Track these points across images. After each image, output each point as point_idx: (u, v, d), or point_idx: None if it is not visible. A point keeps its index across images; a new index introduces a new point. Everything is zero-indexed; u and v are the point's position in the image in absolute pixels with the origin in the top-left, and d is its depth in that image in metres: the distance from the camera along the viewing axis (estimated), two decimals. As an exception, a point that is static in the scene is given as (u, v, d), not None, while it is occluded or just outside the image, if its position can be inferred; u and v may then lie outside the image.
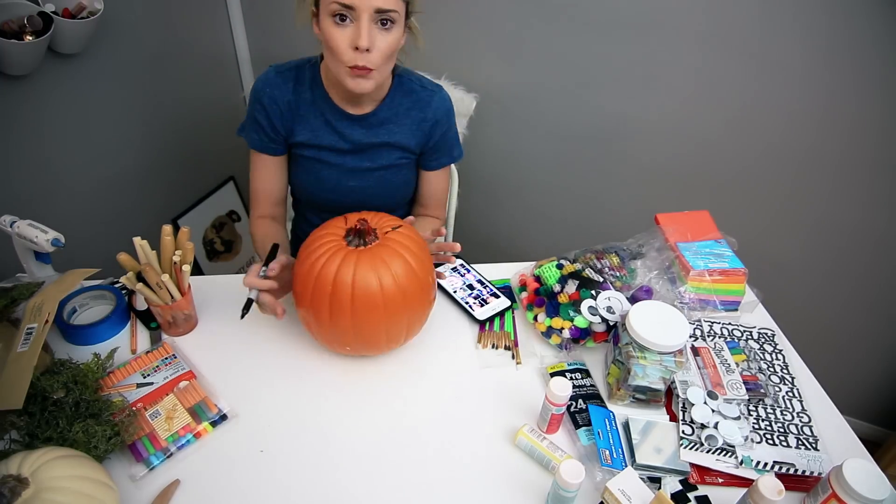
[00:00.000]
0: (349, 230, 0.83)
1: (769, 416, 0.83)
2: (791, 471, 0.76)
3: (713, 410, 0.81)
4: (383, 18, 0.86)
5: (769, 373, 0.90)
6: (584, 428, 0.81)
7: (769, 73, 1.30)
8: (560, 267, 0.99)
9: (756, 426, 0.82)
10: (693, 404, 0.82)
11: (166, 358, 0.87)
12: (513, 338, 0.96)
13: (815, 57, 1.24)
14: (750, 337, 0.97)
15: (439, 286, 1.05)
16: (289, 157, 1.09)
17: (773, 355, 0.94)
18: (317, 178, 1.07)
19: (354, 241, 0.82)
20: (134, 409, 0.79)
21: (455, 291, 1.03)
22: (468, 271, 1.08)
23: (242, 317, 0.82)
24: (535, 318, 0.96)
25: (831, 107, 1.28)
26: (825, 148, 1.34)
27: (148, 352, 0.89)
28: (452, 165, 1.37)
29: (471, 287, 1.05)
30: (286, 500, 0.73)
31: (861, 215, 1.39)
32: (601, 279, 0.94)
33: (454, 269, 1.09)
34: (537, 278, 1.00)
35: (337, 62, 0.89)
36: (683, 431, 0.79)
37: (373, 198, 1.09)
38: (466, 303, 1.01)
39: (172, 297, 0.87)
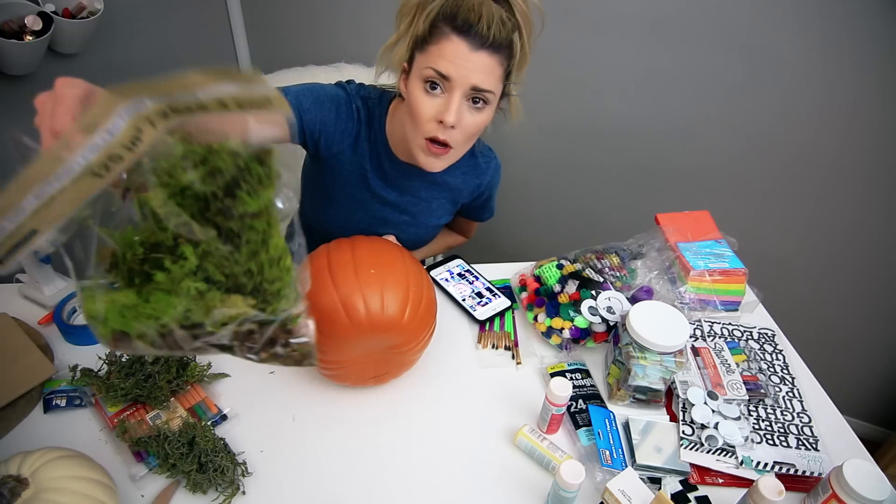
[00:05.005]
0: None
1: (769, 416, 0.83)
2: (791, 471, 0.76)
3: (713, 411, 0.81)
4: (476, 97, 0.79)
5: (769, 373, 0.90)
6: (584, 428, 0.81)
7: (769, 73, 1.30)
8: (560, 267, 0.99)
9: (756, 426, 0.82)
10: (693, 404, 0.82)
11: (166, 358, 0.87)
12: (513, 338, 0.96)
13: (814, 55, 1.24)
14: (750, 337, 0.97)
15: (439, 285, 1.05)
16: (318, 181, 1.00)
17: (774, 355, 0.94)
18: (348, 219, 1.01)
19: None
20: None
21: (447, 280, 1.03)
22: (469, 272, 1.08)
23: None
24: (535, 318, 0.96)
25: (830, 106, 1.28)
26: (825, 147, 1.34)
27: (148, 352, 0.89)
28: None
29: (470, 284, 1.05)
30: (286, 499, 0.73)
31: (861, 215, 1.39)
32: (601, 279, 0.94)
33: (458, 275, 1.09)
34: (537, 278, 0.99)
35: (415, 130, 0.83)
36: (683, 432, 0.79)
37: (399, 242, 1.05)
38: (466, 303, 1.01)
39: (172, 298, 0.87)
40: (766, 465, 0.76)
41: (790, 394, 0.87)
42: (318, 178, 1.00)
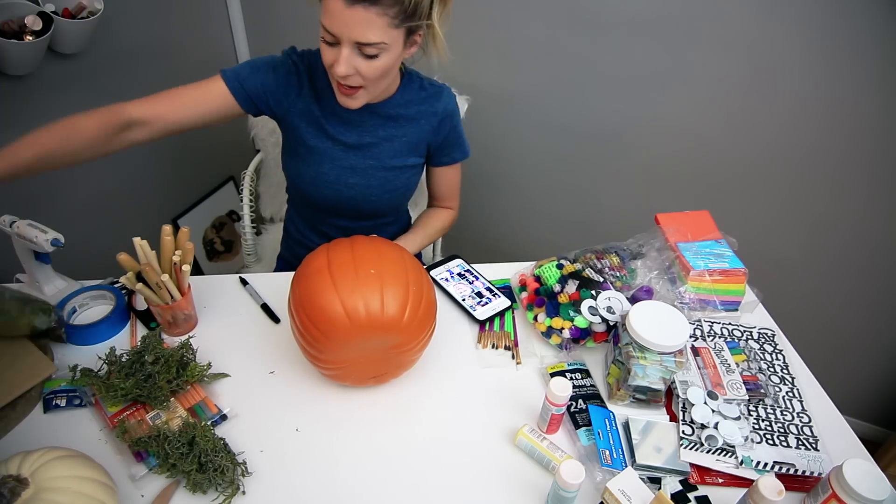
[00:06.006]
0: None
1: (769, 416, 0.83)
2: (791, 471, 0.76)
3: (713, 410, 0.81)
4: (365, 51, 0.83)
5: (769, 373, 0.90)
6: (584, 428, 0.81)
7: (769, 72, 1.30)
8: (560, 267, 0.99)
9: (756, 426, 0.82)
10: (693, 404, 0.82)
11: (166, 358, 0.87)
12: (513, 338, 0.96)
13: (814, 56, 1.24)
14: (750, 337, 0.97)
15: (439, 285, 1.05)
16: (286, 144, 1.07)
17: (773, 355, 0.94)
18: (316, 172, 1.04)
19: None
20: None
21: (447, 280, 1.03)
22: (469, 272, 1.08)
23: None
24: (535, 318, 0.96)
25: (830, 105, 1.28)
26: (825, 147, 1.34)
27: (148, 352, 0.89)
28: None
29: (470, 283, 1.05)
30: (286, 499, 0.73)
31: (861, 214, 1.39)
32: (601, 279, 0.94)
33: (457, 275, 1.09)
34: (537, 278, 1.00)
35: (328, 74, 0.90)
36: (683, 431, 0.79)
37: (372, 199, 1.08)
38: (466, 303, 1.01)
39: (172, 297, 0.87)
40: (765, 464, 0.76)
41: (790, 394, 0.87)
42: (287, 143, 1.06)
